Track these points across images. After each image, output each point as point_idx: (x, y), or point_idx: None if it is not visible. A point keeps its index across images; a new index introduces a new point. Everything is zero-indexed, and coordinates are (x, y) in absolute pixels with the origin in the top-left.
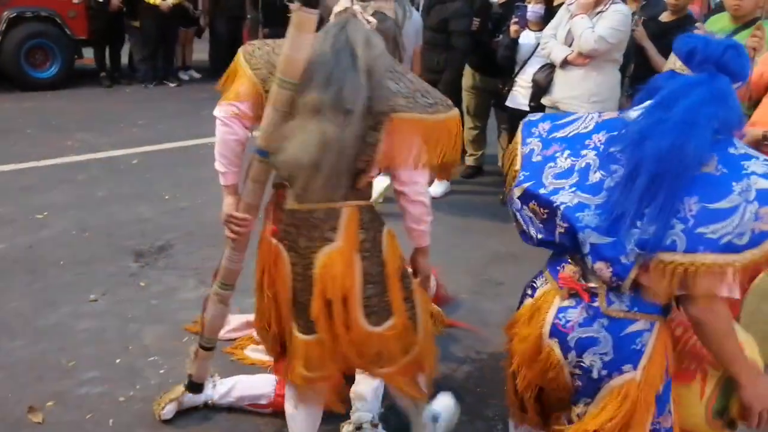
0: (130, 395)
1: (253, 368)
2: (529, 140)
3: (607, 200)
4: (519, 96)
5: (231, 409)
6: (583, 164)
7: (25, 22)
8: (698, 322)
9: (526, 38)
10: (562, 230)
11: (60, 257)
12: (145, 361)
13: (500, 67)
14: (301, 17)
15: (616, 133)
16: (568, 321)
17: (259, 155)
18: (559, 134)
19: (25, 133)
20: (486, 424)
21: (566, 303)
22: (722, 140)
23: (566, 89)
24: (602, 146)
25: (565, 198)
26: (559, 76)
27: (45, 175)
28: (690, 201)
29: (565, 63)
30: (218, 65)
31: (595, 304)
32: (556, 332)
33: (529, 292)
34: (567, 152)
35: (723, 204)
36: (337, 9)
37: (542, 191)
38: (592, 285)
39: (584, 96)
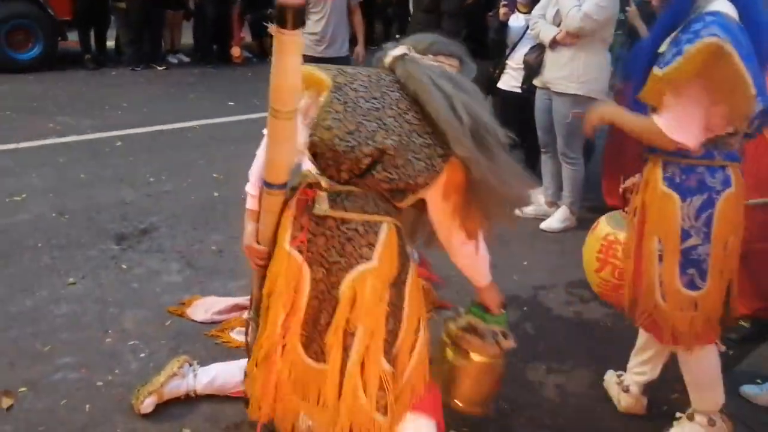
0: (109, 380)
1: (239, 351)
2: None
3: None
4: (510, 78)
5: (214, 395)
6: None
7: (6, 2)
8: None
9: (516, 21)
10: None
11: (37, 240)
12: (125, 345)
13: (491, 50)
14: (280, 40)
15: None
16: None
17: (266, 187)
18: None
19: (3, 115)
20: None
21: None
22: None
23: (555, 70)
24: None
25: None
26: (549, 56)
27: (23, 158)
28: None
29: (554, 43)
30: (204, 48)
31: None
32: (672, 184)
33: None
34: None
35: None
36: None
37: None
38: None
39: (573, 76)
